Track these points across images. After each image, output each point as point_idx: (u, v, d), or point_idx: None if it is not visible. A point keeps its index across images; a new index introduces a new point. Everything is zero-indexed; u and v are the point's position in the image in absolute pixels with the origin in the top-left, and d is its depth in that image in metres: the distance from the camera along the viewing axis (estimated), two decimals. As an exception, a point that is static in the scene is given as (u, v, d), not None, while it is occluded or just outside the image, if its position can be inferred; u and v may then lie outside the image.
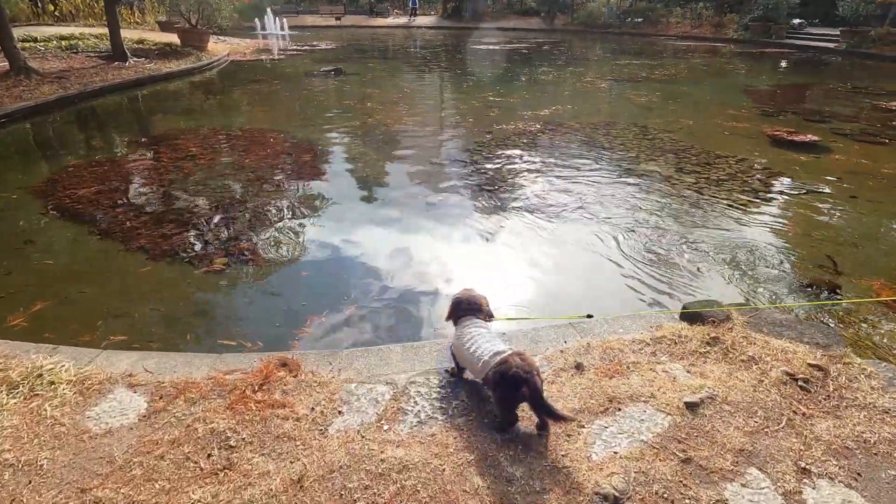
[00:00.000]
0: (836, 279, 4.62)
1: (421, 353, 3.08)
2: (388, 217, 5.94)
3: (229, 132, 9.44)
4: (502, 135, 9.25)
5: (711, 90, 14.62)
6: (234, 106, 12.20)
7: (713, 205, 6.21)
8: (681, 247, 5.16)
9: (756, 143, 8.83)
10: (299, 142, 8.82)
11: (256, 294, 4.38)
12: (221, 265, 4.80)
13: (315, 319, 4.01)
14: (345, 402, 2.64)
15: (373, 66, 18.59)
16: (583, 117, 10.79)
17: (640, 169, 7.50)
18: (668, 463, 2.26)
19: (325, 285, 4.53)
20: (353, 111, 11.21)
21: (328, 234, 5.50)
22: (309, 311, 4.11)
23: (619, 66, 18.54)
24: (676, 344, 3.11)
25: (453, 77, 16.83)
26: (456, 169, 7.56)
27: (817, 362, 2.82)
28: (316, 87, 14.34)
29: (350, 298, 4.30)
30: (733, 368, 2.86)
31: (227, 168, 7.40)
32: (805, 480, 2.19)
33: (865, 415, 2.52)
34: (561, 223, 5.72)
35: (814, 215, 5.99)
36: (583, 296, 4.41)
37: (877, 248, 5.22)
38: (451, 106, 12.43)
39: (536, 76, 16.71)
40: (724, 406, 2.58)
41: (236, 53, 20.75)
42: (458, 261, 4.97)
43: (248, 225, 5.61)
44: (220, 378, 2.78)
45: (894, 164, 7.75)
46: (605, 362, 2.95)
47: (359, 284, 4.53)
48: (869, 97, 13.13)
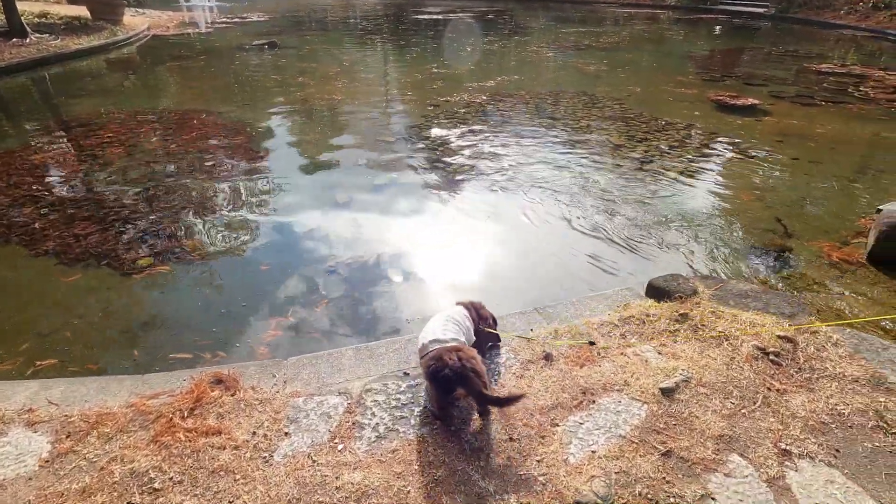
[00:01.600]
0: (787, 242, 4.67)
1: (376, 356, 2.79)
2: (335, 201, 5.52)
3: (154, 114, 8.55)
4: (449, 108, 8.88)
5: (655, 57, 14.73)
6: (158, 85, 11.12)
7: (665, 172, 6.17)
8: (637, 218, 5.08)
9: (701, 109, 8.92)
10: (233, 123, 8.10)
11: (192, 295, 3.92)
12: (147, 265, 4.28)
13: (260, 321, 3.62)
14: (292, 421, 2.32)
15: (310, 39, 17.52)
16: (530, 87, 10.55)
17: (591, 139, 7.37)
18: (649, 458, 2.11)
19: (269, 281, 4.11)
20: (291, 87, 10.46)
21: (271, 223, 5.04)
22: (251, 311, 3.71)
23: (565, 35, 18.38)
24: (645, 323, 2.98)
25: (396, 49, 16.12)
26: (403, 145, 7.17)
27: (786, 334, 2.75)
28: (249, 62, 13.32)
29: (297, 294, 3.92)
30: (704, 346, 2.75)
31: (151, 155, 6.67)
32: (787, 463, 2.10)
33: (837, 385, 2.47)
34: (516, 200, 5.50)
35: (761, 178, 6.07)
36: (544, 276, 4.22)
37: (822, 208, 5.33)
38: (395, 79, 11.87)
39: (481, 46, 16.28)
40: (699, 388, 2.46)
41: (158, 27, 18.99)
42: (414, 245, 4.66)
43: (177, 218, 5.05)
44: (143, 405, 2.39)
45: (829, 124, 8.01)
46: (575, 349, 2.77)
47: (307, 277, 4.15)
48: (799, 60, 13.61)
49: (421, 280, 4.14)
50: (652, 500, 1.95)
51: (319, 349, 3.07)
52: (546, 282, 4.11)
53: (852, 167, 6.52)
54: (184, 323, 3.61)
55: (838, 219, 5.10)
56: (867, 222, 4.70)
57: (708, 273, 4.09)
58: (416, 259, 4.42)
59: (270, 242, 4.70)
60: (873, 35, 17.91)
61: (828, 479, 2.04)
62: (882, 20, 18.65)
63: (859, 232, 4.71)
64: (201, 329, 3.53)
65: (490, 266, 4.40)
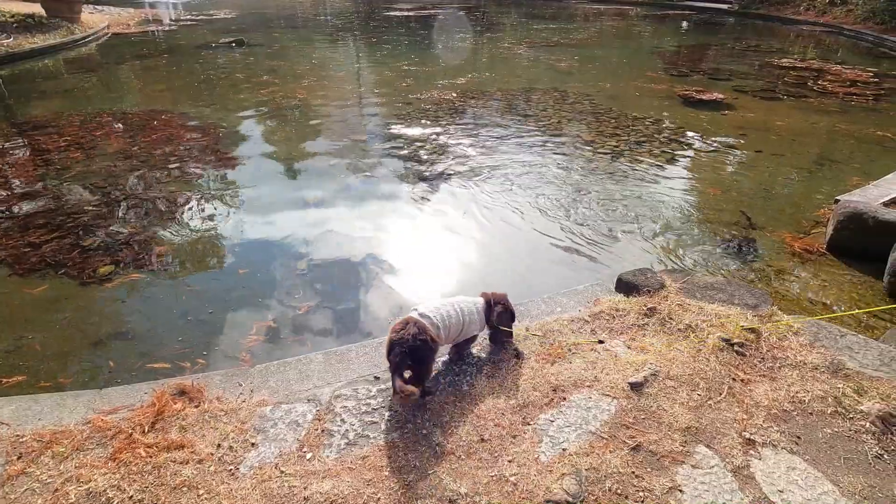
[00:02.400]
0: (751, 233, 4.79)
1: (347, 360, 2.74)
2: (306, 202, 5.42)
3: (115, 116, 8.26)
4: (421, 106, 8.82)
5: (624, 53, 14.94)
6: (120, 85, 10.75)
7: (634, 167, 6.27)
8: (607, 213, 5.14)
9: (669, 103, 9.08)
10: (200, 123, 7.88)
11: (160, 304, 3.79)
12: (108, 273, 4.12)
13: (230, 328, 3.53)
14: (259, 431, 2.26)
15: (279, 37, 17.19)
16: (502, 84, 10.57)
17: (562, 134, 7.43)
18: (619, 453, 2.13)
19: (240, 286, 4.01)
20: (259, 86, 10.24)
21: (240, 226, 4.91)
22: (220, 318, 3.61)
23: (537, 31, 18.48)
24: (615, 318, 3.01)
25: (367, 46, 15.95)
26: (375, 144, 7.09)
27: (750, 324, 2.81)
28: (216, 60, 12.98)
29: (269, 299, 3.84)
30: (672, 339, 2.79)
31: (113, 158, 6.44)
32: (751, 452, 2.15)
33: (798, 374, 2.54)
34: (489, 197, 5.50)
35: (726, 171, 6.22)
36: (516, 273, 4.23)
37: (785, 200, 5.49)
38: (366, 77, 11.74)
39: (453, 43, 16.25)
40: (667, 381, 2.49)
41: (118, 25, 18.36)
42: (386, 246, 4.61)
43: (141, 223, 4.88)
44: (100, 421, 2.29)
45: (790, 118, 8.25)
46: (546, 346, 2.78)
47: (278, 281, 4.06)
48: (761, 55, 13.99)
49: (393, 282, 4.10)
50: (622, 496, 1.97)
51: (293, 354, 3.02)
52: (517, 279, 4.12)
53: (812, 159, 6.73)
54: (153, 333, 3.49)
55: (799, 209, 5.26)
56: (826, 212, 4.86)
57: (675, 266, 4.17)
58: (389, 260, 4.37)
59: (240, 246, 4.59)
60: (830, 31, 18.53)
61: (789, 465, 2.09)
62: (838, 16, 19.30)
63: (819, 222, 4.86)
64: (170, 339, 3.42)
65: (461, 264, 4.39)
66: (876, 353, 2.63)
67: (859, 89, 9.96)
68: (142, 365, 3.18)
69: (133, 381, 2.72)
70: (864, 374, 2.51)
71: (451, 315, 2.42)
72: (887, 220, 3.99)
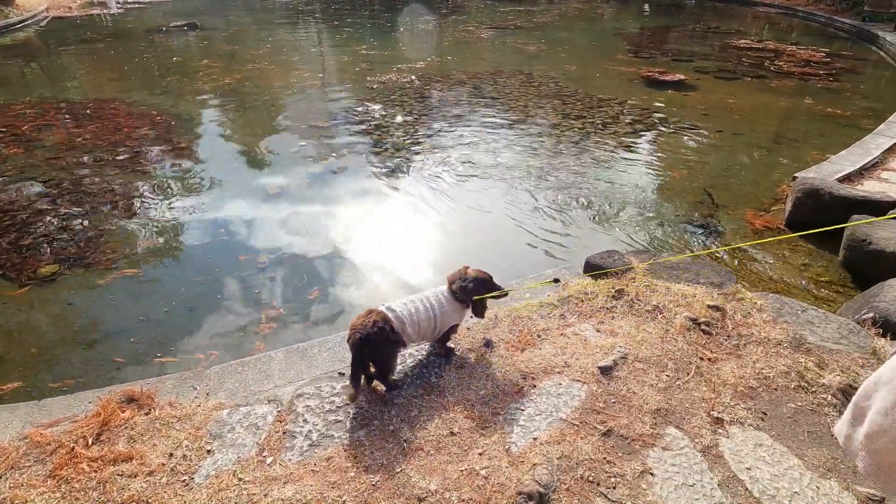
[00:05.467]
0: (715, 212, 4.86)
1: (309, 357, 2.62)
2: (268, 193, 5.20)
3: (59, 105, 7.73)
4: (385, 89, 8.60)
5: (589, 35, 14.95)
6: (64, 72, 10.07)
7: (600, 149, 6.27)
8: (574, 197, 5.12)
9: (633, 85, 9.13)
10: (152, 111, 7.46)
11: (109, 304, 3.56)
12: (50, 273, 3.85)
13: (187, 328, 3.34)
14: (215, 437, 2.13)
15: (235, 20, 16.47)
16: (467, 67, 10.41)
17: (529, 118, 7.37)
18: (590, 439, 2.10)
19: (196, 283, 3.81)
20: (215, 71, 9.77)
21: (197, 219, 4.67)
22: (176, 318, 3.42)
23: (502, 14, 18.24)
24: (584, 302, 2.98)
25: (328, 29, 15.45)
26: (338, 130, 6.87)
27: (715, 303, 2.83)
28: (168, 45, 12.34)
29: (226, 296, 3.66)
30: (640, 321, 2.78)
31: (56, 150, 6.02)
32: (719, 430, 2.15)
33: (762, 350, 2.56)
34: (455, 183, 5.40)
35: (689, 151, 6.28)
36: (485, 261, 4.16)
37: (745, 178, 5.58)
38: (328, 61, 11.37)
39: (417, 26, 15.92)
40: (636, 364, 2.48)
41: (58, 8, 17.23)
42: (351, 236, 4.47)
43: (90, 219, 4.58)
44: (39, 435, 2.11)
45: (749, 98, 8.41)
46: (515, 334, 2.73)
47: (239, 276, 3.88)
48: (721, 37, 14.23)
49: (357, 273, 3.98)
50: (594, 483, 1.94)
51: (253, 353, 2.88)
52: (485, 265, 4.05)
53: (770, 137, 6.88)
54: (102, 336, 3.28)
55: (759, 187, 5.36)
56: (785, 189, 4.97)
57: (642, 247, 4.18)
58: (353, 250, 4.24)
59: (196, 239, 4.36)
60: (785, 12, 19.00)
61: (756, 442, 2.11)
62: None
63: (778, 199, 4.97)
64: (122, 342, 3.22)
65: (428, 253, 4.30)
66: (835, 326, 2.69)
67: (813, 69, 10.24)
68: (88, 371, 2.98)
69: (77, 390, 2.54)
70: (825, 347, 2.56)
71: (420, 310, 2.30)
72: (842, 195, 4.09)
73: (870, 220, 3.52)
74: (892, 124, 6.07)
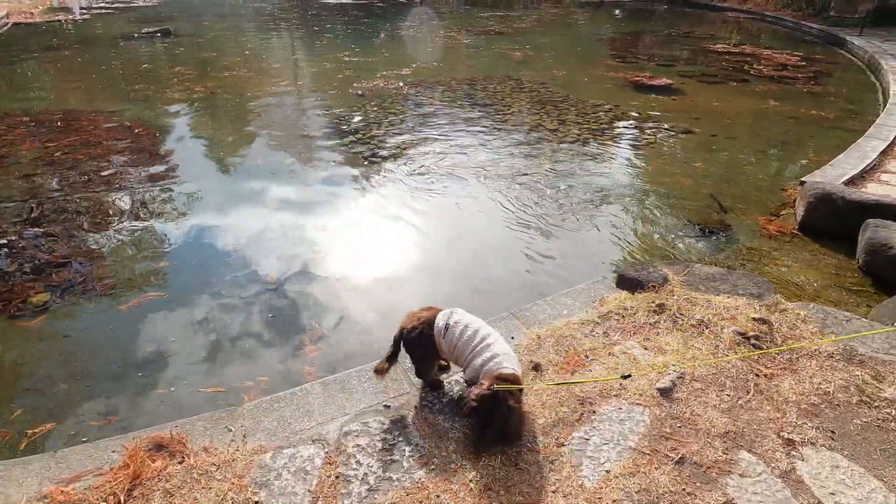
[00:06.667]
0: (725, 218, 4.87)
1: (349, 389, 2.45)
2: (260, 207, 4.97)
3: (27, 117, 7.29)
4: (371, 97, 8.42)
5: (570, 41, 15.07)
6: (28, 82, 9.54)
7: (600, 154, 6.25)
8: (583, 205, 5.06)
9: (622, 90, 9.19)
10: (129, 122, 7.10)
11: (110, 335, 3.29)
12: (42, 302, 3.55)
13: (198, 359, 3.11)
14: (261, 486, 1.95)
15: (209, 26, 15.99)
16: (455, 73, 10.32)
17: (522, 126, 7.30)
18: (665, 469, 2.00)
19: (195, 308, 3.57)
20: (191, 80, 9.41)
21: (188, 238, 4.41)
22: (185, 347, 3.19)
23: (483, 20, 18.26)
24: (624, 318, 2.89)
25: (306, 35, 15.16)
26: (324, 142, 6.65)
27: (759, 315, 2.78)
28: (139, 52, 11.86)
29: (233, 322, 3.44)
30: (687, 336, 2.71)
31: (30, 166, 5.64)
32: (793, 453, 2.08)
33: (816, 364, 2.52)
34: (460, 193, 5.28)
35: (687, 156, 6.32)
36: (504, 273, 4.05)
37: (747, 182, 5.63)
38: (307, 68, 11.12)
39: (396, 32, 15.77)
40: (694, 384, 2.39)
41: (19, 14, 16.40)
42: (358, 253, 4.29)
43: (74, 241, 4.27)
44: (61, 494, 1.89)
45: (735, 102, 8.57)
46: (562, 355, 2.61)
47: (242, 300, 3.65)
48: (697, 41, 14.56)
49: (375, 292, 3.80)
50: (677, 517, 1.84)
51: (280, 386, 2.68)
52: (507, 279, 3.94)
53: (762, 140, 7.00)
54: (108, 371, 3.02)
55: (762, 191, 5.41)
56: (792, 193, 5.01)
57: (665, 255, 4.14)
58: (365, 268, 4.06)
59: (191, 259, 4.11)
60: (753, 17, 19.62)
61: (832, 464, 2.04)
62: (760, 3, 20.47)
63: (785, 203, 5.01)
64: (131, 376, 2.97)
65: (445, 269, 4.15)
66: (882, 336, 2.67)
67: (791, 73, 10.52)
68: (101, 414, 2.72)
69: (94, 437, 2.30)
70: (878, 358, 2.53)
71: (466, 338, 2.14)
72: (854, 200, 4.14)
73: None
74: (881, 127, 6.24)
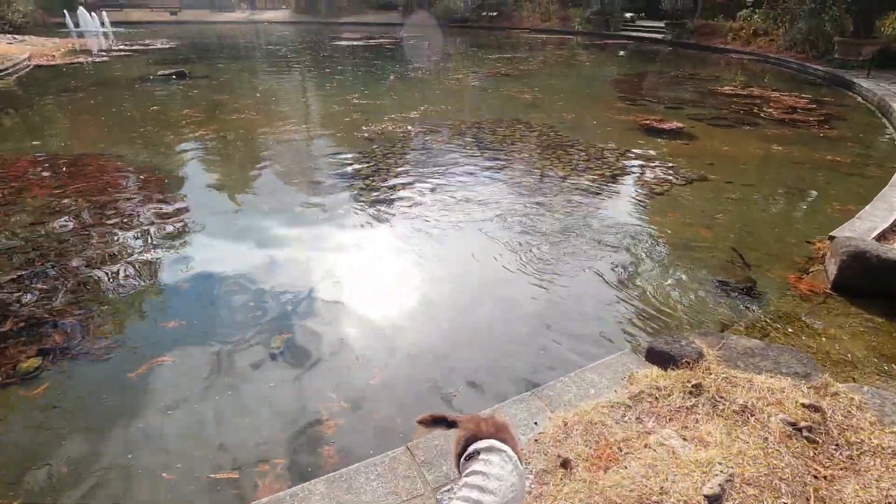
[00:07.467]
0: (750, 273, 4.65)
1: (356, 488, 2.19)
2: (271, 262, 4.80)
3: (38, 159, 7.30)
4: (379, 141, 8.41)
5: (576, 82, 15.25)
6: (44, 124, 9.67)
7: (614, 204, 6.10)
8: (601, 259, 4.86)
9: (632, 133, 9.14)
10: (139, 167, 7.08)
11: (108, 408, 3.07)
12: (34, 368, 3.35)
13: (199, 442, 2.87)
14: None
15: (223, 68, 16.39)
16: (464, 116, 10.38)
17: (534, 170, 7.20)
18: None
19: (202, 378, 3.35)
20: (202, 123, 9.49)
21: (198, 295, 4.23)
22: (185, 426, 2.95)
23: (491, 61, 18.57)
24: (658, 399, 2.64)
25: (318, 77, 15.46)
26: (337, 188, 6.55)
27: (809, 401, 2.52)
28: (155, 94, 12.07)
29: (249, 392, 3.21)
30: (730, 425, 2.45)
31: (35, 213, 5.56)
32: (869, 583, 1.80)
33: (880, 463, 2.25)
34: (468, 245, 5.10)
35: (705, 205, 6.14)
36: (521, 339, 3.82)
37: (769, 233, 5.43)
38: (317, 111, 11.23)
39: (405, 73, 16.05)
40: (745, 489, 2.12)
41: (41, 56, 16.94)
42: (372, 313, 4.09)
43: (71, 297, 4.11)
44: None
45: (749, 146, 8.47)
46: (592, 447, 2.36)
47: (249, 372, 3.44)
48: (703, 83, 14.66)
49: (396, 364, 3.58)
50: None
51: (298, 468, 2.43)
52: (525, 346, 3.71)
53: (780, 187, 6.84)
54: (104, 452, 2.79)
55: (786, 244, 5.20)
56: (820, 247, 4.80)
57: (692, 320, 3.90)
58: (377, 330, 3.85)
59: (200, 321, 3.91)
60: (757, 59, 19.88)
61: None
62: (762, 45, 20.79)
63: (812, 257, 4.79)
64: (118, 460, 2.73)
65: (466, 333, 3.93)
66: (950, 428, 2.40)
67: (801, 115, 10.48)
68: None
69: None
70: (949, 457, 2.26)
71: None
72: (891, 259, 3.92)
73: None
74: (905, 176, 6.07)
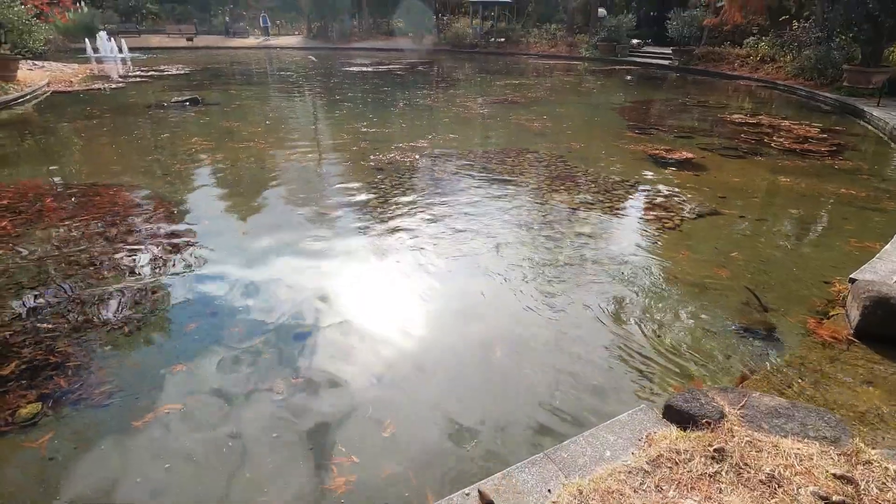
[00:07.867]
0: (767, 317, 4.52)
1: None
2: (283, 301, 4.74)
3: (49, 188, 7.36)
4: (387, 171, 8.42)
5: (584, 110, 15.33)
6: (57, 150, 9.81)
7: (624, 237, 6.02)
8: (609, 299, 4.75)
9: (641, 164, 9.10)
10: (151, 198, 7.11)
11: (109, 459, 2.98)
12: (33, 415, 3.29)
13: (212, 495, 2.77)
14: None
15: (236, 94, 16.67)
16: (472, 146, 10.41)
17: (543, 202, 7.14)
18: None
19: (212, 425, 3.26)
20: (212, 151, 9.57)
21: (210, 339, 4.15)
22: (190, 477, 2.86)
23: (500, 88, 18.76)
24: (677, 464, 2.51)
25: (326, 105, 15.66)
26: (351, 218, 6.53)
27: (840, 471, 2.38)
28: (168, 121, 12.26)
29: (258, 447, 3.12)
30: (756, 497, 2.31)
31: (41, 246, 5.56)
32: None
33: (920, 545, 2.10)
34: (476, 283, 5.01)
35: (718, 242, 6.03)
36: (530, 386, 3.70)
37: (785, 273, 5.30)
38: (326, 139, 11.33)
39: (414, 100, 16.22)
40: (776, 574, 1.99)
41: (60, 82, 17.35)
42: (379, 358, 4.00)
43: (77, 339, 4.05)
44: None
45: (760, 178, 8.39)
46: (610, 519, 2.23)
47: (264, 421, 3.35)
48: (712, 111, 14.69)
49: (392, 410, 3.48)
50: None
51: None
52: (531, 394, 3.59)
53: (794, 223, 6.73)
54: None
55: (804, 285, 5.06)
56: (840, 289, 4.67)
57: (710, 369, 3.77)
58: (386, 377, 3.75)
59: (211, 366, 3.83)
60: (765, 85, 19.96)
61: None
62: (770, 72, 20.92)
63: (832, 300, 4.65)
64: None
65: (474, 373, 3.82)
66: None
67: (813, 145, 10.41)
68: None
69: None
70: None
71: None
72: (916, 307, 3.78)
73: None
74: (924, 213, 5.94)
